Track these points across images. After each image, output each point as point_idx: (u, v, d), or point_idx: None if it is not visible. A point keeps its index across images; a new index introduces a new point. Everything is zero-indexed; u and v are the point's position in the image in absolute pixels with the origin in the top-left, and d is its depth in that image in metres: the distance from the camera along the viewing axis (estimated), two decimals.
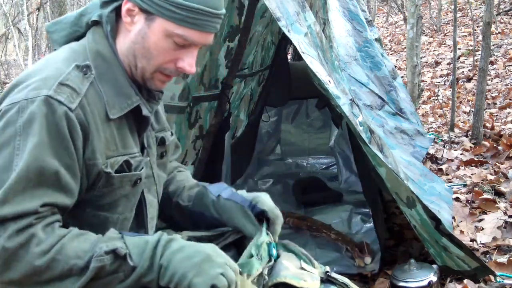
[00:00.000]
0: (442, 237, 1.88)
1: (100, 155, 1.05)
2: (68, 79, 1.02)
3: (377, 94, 3.22)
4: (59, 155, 0.98)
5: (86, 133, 1.02)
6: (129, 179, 1.12)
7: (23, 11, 10.39)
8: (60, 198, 0.99)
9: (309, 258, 1.24)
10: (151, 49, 1.08)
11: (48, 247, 0.94)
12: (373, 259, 2.29)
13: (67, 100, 0.99)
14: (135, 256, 0.98)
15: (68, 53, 1.10)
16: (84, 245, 0.97)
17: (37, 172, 0.95)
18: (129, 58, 1.11)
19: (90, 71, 1.07)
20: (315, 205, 3.07)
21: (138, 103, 1.12)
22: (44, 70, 1.04)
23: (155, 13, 1.06)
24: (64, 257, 0.94)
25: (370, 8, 12.12)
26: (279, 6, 1.69)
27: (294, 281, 1.11)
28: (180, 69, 1.12)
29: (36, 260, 0.92)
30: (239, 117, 3.34)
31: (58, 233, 0.96)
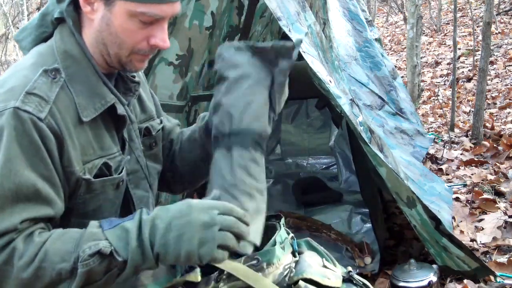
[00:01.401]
0: (442, 237, 1.88)
1: (77, 163, 1.02)
2: (35, 87, 0.99)
3: (377, 94, 3.22)
4: (35, 167, 0.95)
5: (60, 141, 0.99)
6: (111, 182, 1.09)
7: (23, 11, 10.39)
8: (42, 211, 0.96)
9: (330, 257, 1.23)
10: (119, 33, 1.04)
11: (31, 258, 0.91)
12: (373, 259, 2.28)
13: (35, 110, 0.96)
14: (121, 250, 0.93)
15: (36, 58, 1.06)
16: (67, 246, 0.93)
17: (13, 188, 0.93)
18: (99, 48, 1.07)
19: (59, 74, 1.03)
20: (315, 205, 3.07)
21: (113, 102, 1.08)
22: (11, 79, 1.01)
23: None
24: (49, 263, 0.91)
25: (370, 8, 12.12)
26: (280, 5, 1.69)
27: (319, 279, 1.09)
28: (154, 46, 1.08)
29: (22, 273, 0.91)
30: None
31: (37, 241, 0.93)
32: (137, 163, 1.19)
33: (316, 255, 1.20)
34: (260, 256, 1.07)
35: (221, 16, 2.38)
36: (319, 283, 1.09)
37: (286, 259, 1.12)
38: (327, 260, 1.20)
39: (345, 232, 2.62)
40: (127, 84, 1.18)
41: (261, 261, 1.06)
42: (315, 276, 1.10)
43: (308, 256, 1.19)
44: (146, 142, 1.24)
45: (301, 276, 1.10)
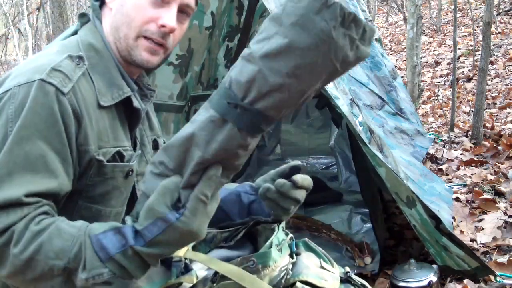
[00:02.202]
0: (442, 237, 1.88)
1: (93, 143, 1.04)
2: (61, 65, 1.02)
3: (377, 94, 3.22)
4: (49, 139, 0.96)
5: (78, 118, 1.01)
6: (121, 169, 1.10)
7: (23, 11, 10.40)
8: (50, 184, 0.96)
9: (328, 257, 1.23)
10: (130, 11, 1.08)
11: (25, 246, 0.91)
12: (373, 259, 2.28)
13: (60, 84, 0.99)
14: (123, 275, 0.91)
15: (60, 47, 1.10)
16: (64, 244, 0.91)
17: (21, 155, 0.93)
18: (113, 36, 1.12)
19: (82, 61, 1.06)
20: (315, 205, 3.07)
21: (129, 94, 1.12)
22: (36, 61, 1.04)
23: None
24: (43, 257, 0.90)
25: (370, 8, 12.11)
26: (278, 6, 1.69)
27: (316, 281, 1.09)
28: (161, 28, 1.10)
29: (15, 260, 0.90)
30: None
31: (35, 229, 0.91)
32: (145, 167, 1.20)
33: (314, 256, 1.20)
34: (256, 258, 1.06)
35: (221, 16, 2.38)
36: (316, 285, 1.09)
37: (283, 261, 1.11)
38: (325, 260, 1.20)
39: (345, 232, 2.62)
40: (143, 91, 1.21)
41: (256, 263, 1.05)
42: (311, 278, 1.10)
43: (305, 257, 1.18)
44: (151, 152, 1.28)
45: (297, 278, 1.10)
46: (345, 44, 0.77)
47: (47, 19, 11.70)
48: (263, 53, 0.79)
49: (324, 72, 0.80)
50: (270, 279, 1.07)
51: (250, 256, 1.07)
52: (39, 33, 14.42)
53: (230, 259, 1.09)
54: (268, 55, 0.79)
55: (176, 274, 1.04)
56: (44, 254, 0.90)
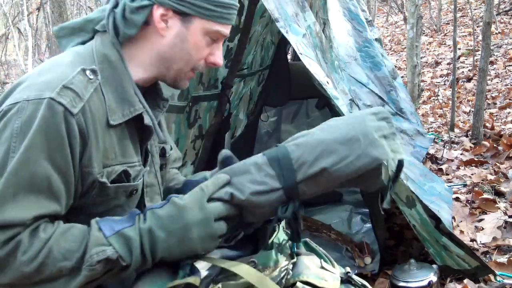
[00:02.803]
0: (442, 236, 1.88)
1: (97, 164, 1.03)
2: (73, 83, 1.00)
3: (377, 94, 3.22)
4: (54, 160, 0.96)
5: (85, 140, 1.00)
6: (124, 189, 1.11)
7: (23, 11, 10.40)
8: (52, 207, 0.97)
9: (329, 257, 1.23)
10: (190, 49, 1.11)
11: (35, 254, 0.93)
12: (373, 259, 2.29)
13: (69, 104, 0.97)
14: (125, 256, 0.97)
15: (74, 57, 1.08)
16: (70, 245, 0.95)
17: (27, 177, 0.93)
18: (160, 63, 1.12)
19: (95, 75, 1.05)
20: (315, 205, 3.07)
21: (141, 111, 1.10)
22: (48, 73, 1.02)
23: (194, 14, 1.07)
24: (52, 260, 0.93)
25: (370, 8, 12.11)
26: (278, 7, 1.69)
27: (316, 281, 1.09)
28: (211, 64, 1.16)
29: (24, 267, 0.92)
30: (238, 116, 3.34)
31: (42, 237, 0.94)
32: (155, 178, 1.22)
33: (314, 256, 1.20)
34: (256, 259, 1.07)
35: None
36: (316, 285, 1.10)
37: (283, 262, 1.11)
38: (325, 261, 1.20)
39: (345, 232, 2.62)
40: (156, 100, 1.21)
41: (257, 264, 1.06)
42: (311, 278, 1.10)
43: (306, 257, 1.18)
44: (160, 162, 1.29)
45: (297, 278, 1.10)
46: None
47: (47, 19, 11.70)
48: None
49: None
50: (270, 279, 1.07)
51: (250, 257, 1.07)
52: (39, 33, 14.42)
53: (231, 259, 1.09)
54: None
55: (183, 275, 1.05)
56: (52, 257, 0.94)
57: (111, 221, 1.02)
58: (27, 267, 0.92)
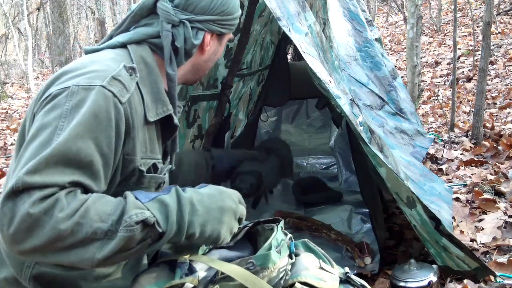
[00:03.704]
0: (442, 237, 1.88)
1: (138, 153, 1.10)
2: (120, 75, 1.07)
3: (377, 94, 3.21)
4: (99, 141, 1.00)
5: (129, 128, 1.06)
6: (156, 181, 1.17)
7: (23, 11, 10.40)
8: (88, 182, 1.00)
9: (328, 258, 1.24)
10: (215, 58, 1.35)
11: (72, 211, 0.93)
12: (373, 259, 2.28)
13: (119, 93, 1.03)
14: (162, 223, 1.00)
15: (114, 55, 1.15)
16: (107, 208, 0.97)
17: (73, 150, 0.96)
18: (192, 73, 1.32)
19: (135, 73, 1.11)
20: (315, 205, 3.07)
21: (171, 112, 1.18)
22: (94, 64, 1.08)
23: (226, 32, 1.31)
24: (88, 220, 0.94)
25: (370, 8, 12.12)
26: (280, 5, 1.69)
27: (314, 281, 1.10)
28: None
29: (60, 225, 0.92)
30: (238, 116, 3.34)
31: (80, 198, 0.96)
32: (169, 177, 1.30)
33: (313, 257, 1.21)
34: (255, 260, 1.08)
35: None
36: (315, 286, 1.10)
37: (282, 262, 1.12)
38: (324, 261, 1.20)
39: (345, 232, 2.62)
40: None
41: (255, 264, 1.07)
42: (310, 279, 1.11)
43: (304, 258, 1.19)
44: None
45: (296, 279, 1.11)
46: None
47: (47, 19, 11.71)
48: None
49: None
50: (269, 280, 1.07)
51: (249, 258, 1.08)
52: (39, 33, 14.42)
53: (230, 260, 1.10)
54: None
55: (180, 275, 1.05)
56: (89, 217, 0.94)
57: (145, 192, 1.06)
58: (64, 224, 0.92)
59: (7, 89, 11.27)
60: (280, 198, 3.20)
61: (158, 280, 1.06)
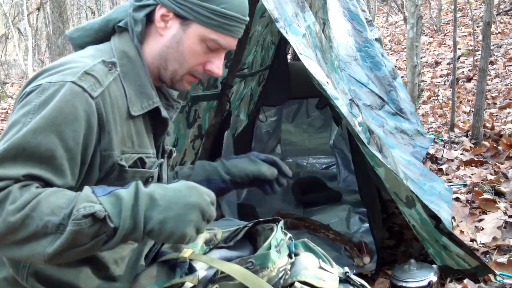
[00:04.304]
0: (442, 236, 1.88)
1: (116, 148, 1.07)
2: (93, 70, 1.05)
3: (377, 94, 3.22)
4: (63, 135, 0.98)
5: (103, 124, 1.03)
6: (141, 175, 1.13)
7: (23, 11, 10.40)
8: (47, 176, 0.97)
9: (327, 257, 1.24)
10: (185, 53, 1.14)
11: (23, 204, 0.91)
12: (372, 259, 2.28)
13: (89, 88, 1.01)
14: (114, 217, 0.94)
15: (94, 51, 1.13)
16: (60, 201, 0.94)
17: (32, 144, 0.94)
18: (159, 61, 1.16)
19: (115, 67, 1.09)
20: (314, 205, 3.07)
21: (158, 104, 1.15)
22: (70, 63, 1.06)
23: (192, 19, 1.11)
24: (39, 213, 0.91)
25: (370, 8, 12.12)
26: (277, 7, 1.69)
27: (314, 281, 1.10)
28: (208, 72, 1.18)
29: (10, 217, 0.90)
30: (239, 117, 3.34)
31: (34, 191, 0.94)
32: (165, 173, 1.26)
33: (313, 256, 1.21)
34: (255, 259, 1.07)
35: None
36: (314, 285, 1.10)
37: (282, 262, 1.12)
38: (324, 261, 1.20)
39: (344, 232, 2.62)
40: (169, 101, 1.25)
41: (255, 264, 1.07)
42: (309, 278, 1.11)
43: (304, 257, 1.19)
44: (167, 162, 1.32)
45: (295, 278, 1.11)
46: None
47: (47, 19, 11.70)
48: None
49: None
50: (268, 279, 1.07)
51: (249, 257, 1.08)
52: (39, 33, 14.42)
53: (230, 260, 1.10)
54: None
55: (180, 275, 1.05)
56: (40, 210, 0.92)
57: (105, 186, 1.02)
58: (13, 216, 0.90)
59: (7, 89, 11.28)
60: (280, 198, 3.20)
61: (158, 280, 1.06)
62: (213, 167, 1.34)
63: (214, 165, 1.35)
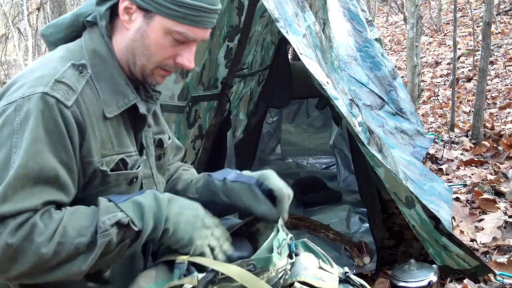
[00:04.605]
0: (441, 236, 1.88)
1: (96, 154, 1.05)
2: (64, 76, 1.02)
3: (377, 94, 3.22)
4: (57, 152, 0.98)
5: (82, 131, 1.02)
6: (125, 177, 1.12)
7: (23, 11, 10.40)
8: (59, 196, 0.99)
9: (327, 258, 1.23)
10: (151, 46, 1.09)
11: (51, 233, 0.94)
12: (372, 259, 2.28)
13: (63, 97, 0.99)
14: (137, 221, 1.01)
15: (64, 53, 1.10)
16: (83, 222, 0.98)
17: (36, 169, 0.95)
18: (127, 56, 1.12)
19: (86, 69, 1.07)
20: (314, 205, 3.07)
21: (134, 102, 1.12)
22: (40, 69, 1.04)
23: (155, 11, 1.06)
24: (68, 238, 0.95)
25: (370, 8, 12.11)
26: (278, 7, 1.69)
27: (313, 281, 1.10)
28: (179, 65, 1.13)
29: (42, 249, 0.93)
30: (239, 116, 3.34)
31: (56, 218, 0.96)
32: (149, 169, 1.23)
33: (313, 256, 1.20)
34: (256, 262, 1.06)
35: (221, 16, 2.38)
36: (313, 286, 1.09)
37: (282, 263, 1.11)
38: (324, 261, 1.20)
39: (344, 232, 2.62)
40: (149, 92, 1.21)
41: (256, 267, 1.06)
42: (309, 278, 1.10)
43: (304, 257, 1.18)
44: (156, 153, 1.28)
45: (295, 278, 1.10)
46: None
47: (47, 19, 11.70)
48: None
49: None
50: (268, 279, 1.07)
51: (250, 260, 1.07)
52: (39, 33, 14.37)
53: (230, 260, 1.09)
54: None
55: (179, 276, 1.05)
56: (68, 235, 0.95)
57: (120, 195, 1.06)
58: (45, 248, 0.93)
59: None
60: None
61: (156, 280, 1.06)
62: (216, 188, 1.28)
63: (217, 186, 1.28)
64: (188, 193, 1.33)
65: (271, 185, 1.21)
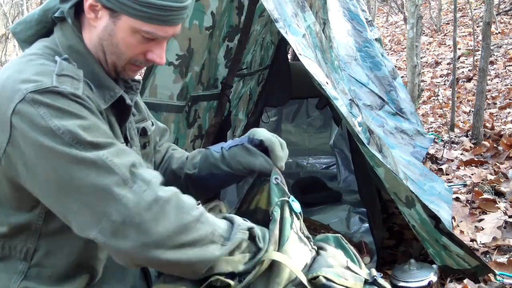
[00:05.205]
0: (442, 236, 1.88)
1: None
2: (63, 69, 1.01)
3: (377, 94, 3.22)
4: (107, 132, 1.05)
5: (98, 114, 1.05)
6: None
7: (23, 11, 10.39)
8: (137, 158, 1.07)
9: (358, 258, 1.22)
10: (120, 45, 1.07)
11: (193, 206, 1.01)
12: (372, 259, 2.28)
13: (72, 88, 0.99)
14: (261, 239, 1.07)
15: (43, 50, 1.08)
16: (216, 219, 1.07)
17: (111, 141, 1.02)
18: (98, 54, 1.10)
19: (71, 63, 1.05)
20: (314, 205, 3.07)
21: (120, 93, 1.12)
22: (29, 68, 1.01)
23: (119, 11, 1.04)
24: (207, 220, 1.01)
25: (370, 8, 12.11)
26: (277, 7, 1.69)
27: (334, 277, 1.10)
28: (150, 61, 1.13)
29: (185, 216, 0.98)
30: (238, 116, 3.34)
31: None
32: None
33: (342, 255, 1.19)
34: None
35: (221, 16, 2.38)
36: (334, 281, 1.09)
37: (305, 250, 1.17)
38: (353, 260, 1.19)
39: (344, 232, 2.62)
40: (128, 83, 1.20)
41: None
42: (330, 274, 1.09)
43: (331, 255, 1.17)
44: (140, 141, 1.27)
45: (315, 274, 1.09)
46: None
47: None
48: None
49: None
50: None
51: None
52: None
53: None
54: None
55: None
56: (206, 218, 1.03)
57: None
58: (188, 215, 0.99)
59: None
60: None
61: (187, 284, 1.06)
62: (215, 160, 1.31)
63: (216, 157, 1.31)
64: (185, 170, 1.36)
65: (261, 137, 1.27)
